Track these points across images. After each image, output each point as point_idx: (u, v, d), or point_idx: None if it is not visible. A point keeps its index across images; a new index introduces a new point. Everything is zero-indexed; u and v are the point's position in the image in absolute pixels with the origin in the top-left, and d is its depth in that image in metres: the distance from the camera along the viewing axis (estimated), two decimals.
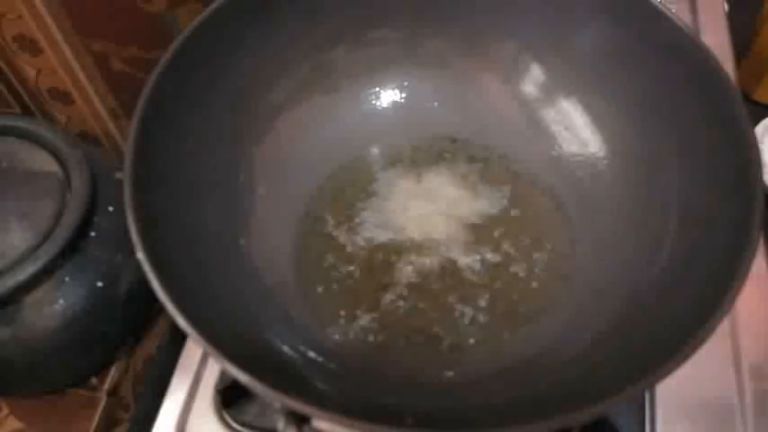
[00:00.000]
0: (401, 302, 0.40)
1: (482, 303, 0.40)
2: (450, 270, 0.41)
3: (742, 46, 0.59)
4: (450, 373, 0.37)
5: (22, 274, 0.38)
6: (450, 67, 0.45)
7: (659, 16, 0.37)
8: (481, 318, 0.39)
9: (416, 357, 0.38)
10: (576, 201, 0.42)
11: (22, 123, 0.45)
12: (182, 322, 0.28)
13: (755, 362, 0.40)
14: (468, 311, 0.39)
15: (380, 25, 0.44)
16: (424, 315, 0.39)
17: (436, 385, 0.37)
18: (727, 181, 0.33)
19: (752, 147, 0.32)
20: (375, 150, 0.46)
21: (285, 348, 0.35)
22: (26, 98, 0.49)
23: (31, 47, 0.44)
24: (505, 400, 0.34)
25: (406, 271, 0.41)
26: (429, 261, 0.41)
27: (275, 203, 0.42)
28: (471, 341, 0.38)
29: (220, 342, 0.28)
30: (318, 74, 0.44)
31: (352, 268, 0.41)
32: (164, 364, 0.44)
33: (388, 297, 0.40)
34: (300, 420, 0.32)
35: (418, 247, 0.42)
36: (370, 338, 0.38)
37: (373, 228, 0.43)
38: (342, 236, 0.42)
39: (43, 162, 0.43)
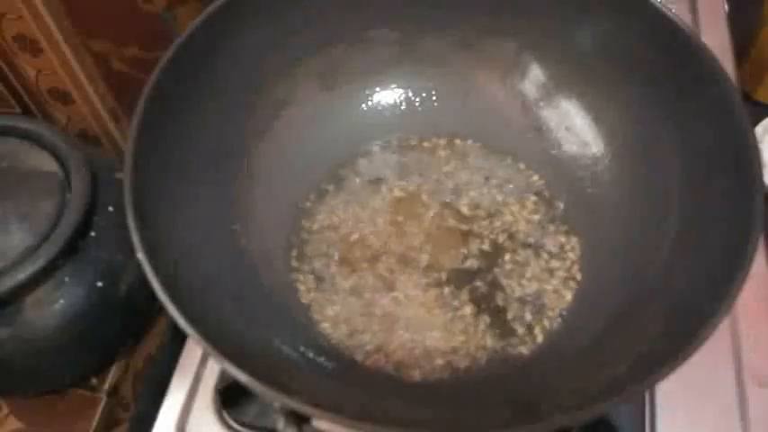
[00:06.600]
0: (400, 302, 0.40)
1: (481, 303, 0.40)
2: (449, 271, 0.41)
3: (742, 46, 0.59)
4: (449, 374, 0.37)
5: (22, 274, 0.38)
6: (450, 67, 0.45)
7: (659, 16, 0.37)
8: (480, 318, 0.39)
9: (416, 358, 0.38)
10: (576, 201, 0.42)
11: (23, 124, 0.45)
12: (181, 322, 0.28)
13: (755, 362, 0.40)
14: (468, 312, 0.39)
15: (380, 25, 0.44)
16: (423, 315, 0.39)
17: (436, 385, 0.37)
18: (727, 181, 0.33)
19: (752, 147, 0.32)
20: (375, 149, 0.46)
21: (285, 348, 0.35)
22: (26, 98, 0.49)
23: (31, 47, 0.44)
24: (505, 399, 0.34)
25: (405, 272, 0.41)
26: (427, 263, 0.41)
27: (275, 203, 0.42)
28: (470, 342, 0.38)
29: (220, 342, 0.28)
30: (318, 73, 0.44)
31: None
32: (164, 364, 0.44)
33: (387, 297, 0.40)
34: (300, 420, 0.32)
35: (417, 247, 0.42)
36: (370, 338, 0.39)
37: (373, 227, 0.43)
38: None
39: (43, 162, 0.43)
